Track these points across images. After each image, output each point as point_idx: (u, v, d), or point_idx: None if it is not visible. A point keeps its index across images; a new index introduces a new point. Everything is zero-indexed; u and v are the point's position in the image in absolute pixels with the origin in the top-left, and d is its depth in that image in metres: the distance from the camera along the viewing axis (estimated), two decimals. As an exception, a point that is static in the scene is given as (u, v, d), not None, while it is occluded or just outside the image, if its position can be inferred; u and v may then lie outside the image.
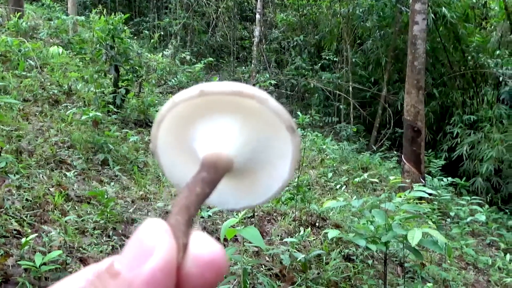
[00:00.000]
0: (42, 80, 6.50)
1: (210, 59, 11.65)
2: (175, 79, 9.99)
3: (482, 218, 5.54)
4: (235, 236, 3.54)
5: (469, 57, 10.74)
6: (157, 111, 7.27)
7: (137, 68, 7.48)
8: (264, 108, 0.38)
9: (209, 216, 4.10)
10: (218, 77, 11.06)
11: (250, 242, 3.14)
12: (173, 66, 10.75)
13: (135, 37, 11.29)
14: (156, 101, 7.87)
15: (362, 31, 12.11)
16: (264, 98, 0.38)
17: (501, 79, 9.70)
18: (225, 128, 0.40)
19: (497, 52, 10.24)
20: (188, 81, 10.22)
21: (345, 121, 11.52)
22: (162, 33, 12.52)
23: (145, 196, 4.41)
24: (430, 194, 4.66)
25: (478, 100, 10.76)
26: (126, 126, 6.44)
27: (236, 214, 2.85)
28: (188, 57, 11.43)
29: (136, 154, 5.65)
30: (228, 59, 13.99)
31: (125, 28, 6.88)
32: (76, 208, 3.75)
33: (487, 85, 10.94)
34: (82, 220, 3.55)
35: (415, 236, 2.95)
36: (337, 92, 11.58)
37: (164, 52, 11.10)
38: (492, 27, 11.59)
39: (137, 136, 6.18)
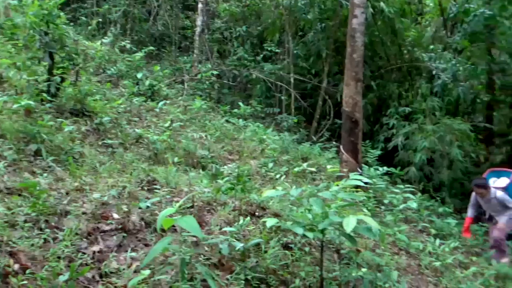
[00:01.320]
0: (-30, 66, 6.17)
1: (151, 48, 11.43)
2: (115, 67, 9.73)
3: (414, 205, 5.78)
4: (174, 226, 3.53)
5: (405, 51, 11.14)
6: (95, 100, 7.08)
7: (74, 55, 7.23)
8: None
9: (148, 207, 4.04)
10: (160, 66, 10.85)
11: (188, 232, 3.13)
12: (112, 54, 10.46)
13: (72, 24, 10.89)
14: (94, 90, 7.65)
15: (304, 23, 12.24)
16: None
17: (434, 72, 10.12)
18: None
19: (431, 46, 10.67)
20: (128, 70, 9.99)
21: (287, 112, 11.65)
22: (100, 20, 12.13)
23: (81, 187, 4.29)
24: (365, 183, 4.81)
25: (413, 92, 11.17)
26: (61, 115, 6.21)
27: (174, 204, 2.83)
28: (128, 46, 11.16)
29: (72, 144, 5.47)
30: (169, 48, 13.76)
31: (61, 13, 6.62)
32: (6, 200, 3.60)
33: (422, 79, 11.38)
34: (12, 213, 3.41)
35: (350, 223, 3.04)
36: (279, 83, 11.68)
37: (103, 40, 10.77)
38: (427, 22, 12.06)
39: (73, 126, 5.99)
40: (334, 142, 10.01)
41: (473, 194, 6.87)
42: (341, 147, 7.18)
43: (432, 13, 11.69)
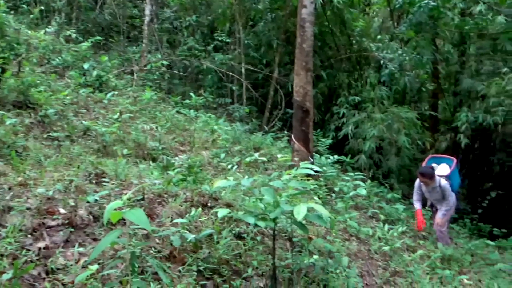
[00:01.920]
0: None
1: (98, 37, 11.10)
2: (60, 58, 9.39)
3: (363, 192, 5.90)
4: (124, 219, 3.45)
5: (354, 41, 11.31)
6: (39, 92, 6.83)
7: (15, 45, 6.93)
8: None
9: (96, 200, 3.94)
10: (107, 56, 10.57)
11: (138, 225, 3.07)
12: (57, 44, 10.08)
13: (13, 12, 10.43)
14: (38, 81, 7.37)
15: (254, 13, 12.21)
16: None
17: (382, 62, 10.34)
18: None
19: (379, 37, 10.89)
20: (74, 60, 9.68)
21: (238, 102, 11.62)
22: (43, 8, 11.66)
23: (25, 182, 4.13)
24: (316, 172, 4.87)
25: (362, 82, 11.38)
26: (3, 108, 5.97)
27: (123, 197, 2.76)
28: (74, 35, 10.78)
29: (15, 137, 5.26)
30: (117, 38, 13.42)
31: (1, 1, 6.32)
32: None
33: (370, 68, 11.61)
34: (-50, 210, 3.25)
35: (300, 212, 3.06)
36: (230, 73, 11.63)
37: (47, 29, 10.36)
38: (374, 13, 12.28)
39: (16, 118, 5.76)
40: (286, 132, 10.08)
41: (417, 181, 6.91)
42: (292, 136, 7.23)
43: (379, 3, 11.91)
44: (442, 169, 7.04)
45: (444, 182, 6.72)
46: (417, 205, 6.96)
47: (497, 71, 10.07)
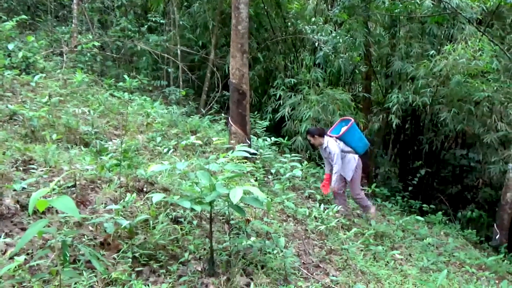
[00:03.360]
0: None
1: (24, 17, 10.50)
2: (-19, 38, 8.84)
3: (299, 173, 5.99)
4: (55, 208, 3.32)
5: (289, 24, 11.36)
6: (-41, 74, 6.39)
7: None
8: None
9: (23, 188, 3.76)
10: (34, 37, 10.04)
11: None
12: (-23, 23, 9.48)
13: None
14: (-43, 64, 6.91)
15: (189, -7, 11.99)
16: None
17: (316, 44, 10.47)
18: None
19: (313, 19, 11.00)
20: (-3, 41, 9.13)
21: (175, 85, 11.43)
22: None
23: None
24: (252, 154, 4.88)
25: (298, 64, 11.49)
26: None
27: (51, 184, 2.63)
28: (-4, 14, 10.18)
29: None
30: (45, 17, 12.76)
31: None
32: None
33: (305, 51, 11.73)
34: None
35: (236, 194, 3.06)
36: (166, 55, 11.39)
37: (-34, 7, 9.72)
38: (309, -5, 12.38)
39: None
40: (223, 115, 10.04)
41: None
42: (229, 119, 7.21)
43: (314, -14, 12.02)
44: (336, 130, 6.88)
45: (331, 143, 6.60)
46: (325, 169, 7.03)
47: (425, 53, 10.46)
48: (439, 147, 12.10)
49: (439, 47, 10.67)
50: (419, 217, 7.59)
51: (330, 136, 6.78)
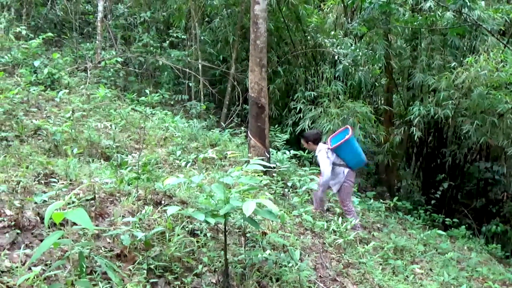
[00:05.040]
0: None
1: (50, 34, 10.82)
2: (9, 55, 9.12)
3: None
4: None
5: (309, 37, 11.42)
6: (-13, 90, 6.62)
7: (-40, 42, 6.70)
8: None
9: (44, 201, 3.86)
10: (60, 53, 10.33)
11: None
12: (6, 41, 9.79)
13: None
14: (-14, 80, 7.15)
15: (210, 9, 12.16)
16: None
17: (336, 57, 10.48)
18: None
19: (333, 33, 11.03)
20: (24, 58, 9.41)
21: (196, 99, 11.57)
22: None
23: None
24: (268, 167, 4.92)
25: (318, 77, 11.51)
26: None
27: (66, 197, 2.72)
28: (24, 32, 10.50)
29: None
30: (70, 34, 13.10)
31: None
32: None
33: (326, 63, 11.75)
34: None
35: (249, 207, 3.09)
36: (187, 70, 11.56)
37: (-5, 25, 10.07)
38: (329, 9, 12.43)
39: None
40: (243, 128, 10.10)
41: None
42: (248, 132, 7.26)
43: (333, 0, 12.06)
44: (337, 139, 6.51)
45: (321, 154, 6.36)
46: None
47: (447, 65, 10.37)
48: (462, 160, 11.92)
49: (461, 59, 10.56)
50: (440, 231, 7.48)
51: (325, 144, 6.58)
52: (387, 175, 12.10)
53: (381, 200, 8.48)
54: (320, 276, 4.53)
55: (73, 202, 3.88)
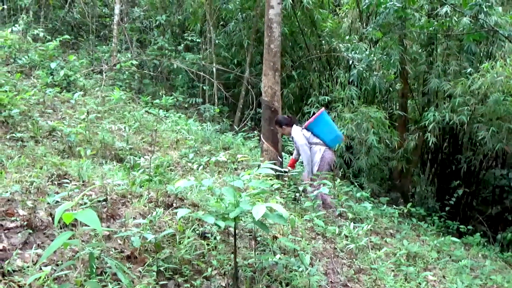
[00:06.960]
0: None
1: (67, 36, 10.95)
2: (26, 57, 9.25)
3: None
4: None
5: (324, 42, 11.40)
6: (3, 91, 6.70)
7: (-22, 44, 6.81)
8: None
9: (57, 201, 3.90)
10: (76, 56, 10.44)
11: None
12: (23, 43, 9.92)
13: (-23, 11, 10.23)
14: (3, 81, 7.25)
15: (225, 12, 12.22)
16: None
17: (351, 62, 10.43)
18: None
19: (347, 37, 10.99)
20: (41, 59, 9.53)
21: (210, 102, 11.61)
22: (7, 6, 11.44)
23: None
24: (279, 171, 4.91)
25: (332, 82, 11.48)
26: (-35, 108, 5.85)
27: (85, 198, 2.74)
28: (41, 34, 10.63)
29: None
30: (87, 37, 13.25)
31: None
32: None
33: (340, 68, 11.71)
34: None
35: (258, 211, 3.08)
36: (201, 73, 11.61)
37: (13, 28, 10.19)
38: (344, 14, 12.40)
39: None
40: (256, 132, 10.11)
41: None
42: (261, 136, 7.27)
43: (348, 4, 12.04)
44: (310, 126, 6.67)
45: (296, 134, 6.54)
46: (294, 153, 7.04)
47: (462, 71, 10.27)
48: (478, 167, 11.77)
49: (477, 64, 10.45)
50: (455, 238, 7.38)
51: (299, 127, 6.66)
52: (401, 181, 12.00)
53: (395, 206, 8.40)
54: (331, 281, 4.50)
55: (85, 203, 3.91)
